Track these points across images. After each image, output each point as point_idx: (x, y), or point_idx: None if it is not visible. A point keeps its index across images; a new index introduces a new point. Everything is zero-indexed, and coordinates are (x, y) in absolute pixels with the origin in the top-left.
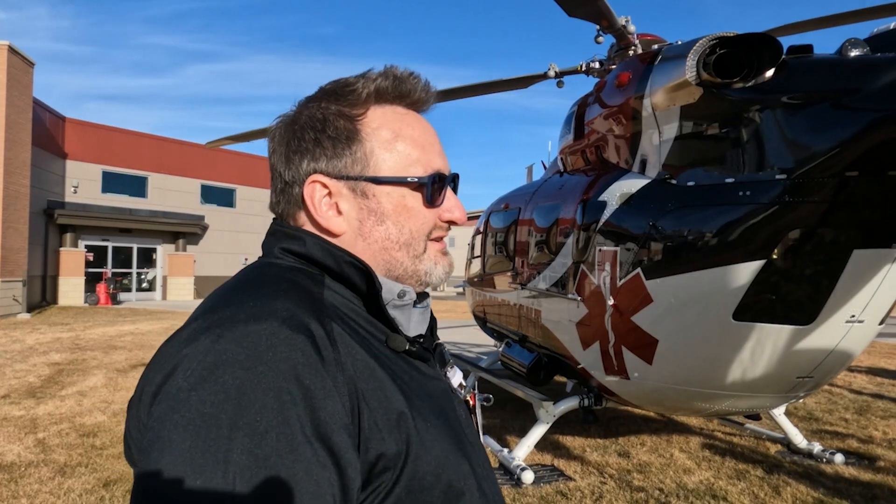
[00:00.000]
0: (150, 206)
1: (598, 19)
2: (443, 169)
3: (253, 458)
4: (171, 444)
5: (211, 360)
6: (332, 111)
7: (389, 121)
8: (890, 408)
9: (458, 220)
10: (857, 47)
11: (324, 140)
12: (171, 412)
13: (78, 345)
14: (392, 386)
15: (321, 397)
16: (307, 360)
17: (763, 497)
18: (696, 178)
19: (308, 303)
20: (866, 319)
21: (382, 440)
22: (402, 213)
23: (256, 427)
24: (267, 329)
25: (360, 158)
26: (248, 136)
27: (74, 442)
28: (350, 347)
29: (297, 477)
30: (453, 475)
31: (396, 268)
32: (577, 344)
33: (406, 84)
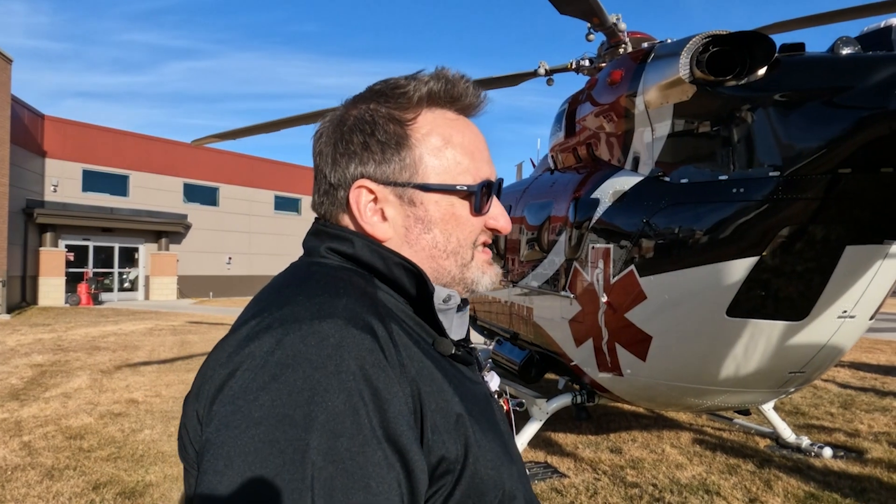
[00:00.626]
0: (131, 205)
1: (589, 17)
2: (491, 176)
3: (329, 459)
4: (242, 446)
5: (279, 359)
6: (382, 114)
7: (440, 126)
8: (874, 401)
9: (502, 228)
10: (849, 45)
11: (372, 144)
12: (238, 413)
13: (60, 346)
14: (448, 388)
15: (389, 398)
16: (375, 359)
17: (755, 491)
18: (690, 175)
19: (367, 302)
20: (858, 315)
21: (443, 442)
22: (449, 222)
23: (330, 427)
24: (333, 328)
25: (409, 165)
26: (233, 133)
27: (61, 444)
28: (408, 349)
29: (370, 478)
30: (506, 479)
31: (444, 276)
32: (570, 341)
33: (457, 88)
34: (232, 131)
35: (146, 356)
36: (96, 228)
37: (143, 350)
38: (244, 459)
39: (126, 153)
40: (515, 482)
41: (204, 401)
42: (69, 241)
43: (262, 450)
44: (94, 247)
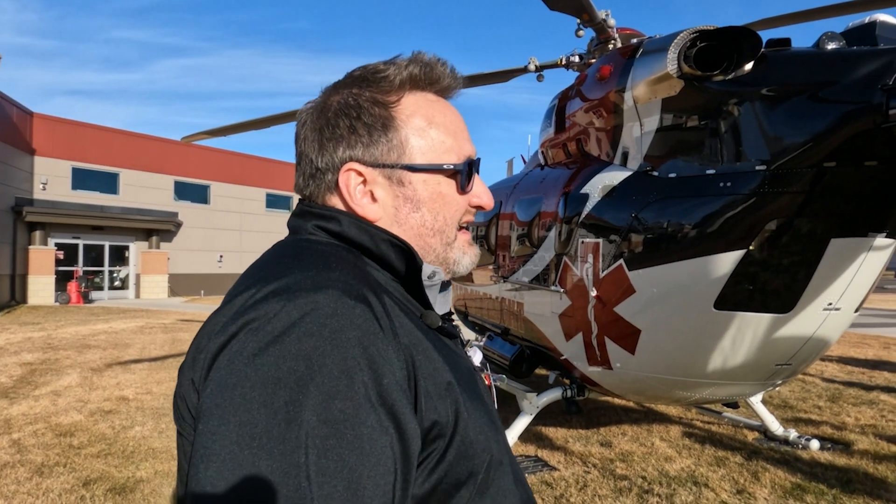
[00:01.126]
0: (121, 203)
1: (579, 13)
2: (472, 154)
3: (323, 421)
4: (239, 408)
5: (276, 327)
6: (366, 98)
7: (422, 108)
8: (860, 395)
9: (485, 205)
10: (834, 41)
11: (359, 127)
12: (234, 377)
13: (50, 344)
14: (438, 357)
15: (384, 365)
16: (370, 328)
17: (743, 483)
18: (678, 169)
19: (359, 275)
20: (843, 307)
21: (435, 408)
22: (437, 201)
23: (325, 390)
24: (329, 298)
25: (396, 146)
26: (224, 130)
27: (51, 442)
28: (400, 319)
29: (363, 441)
30: (494, 445)
31: (429, 254)
32: (560, 336)
33: (436, 70)
34: (222, 128)
35: (137, 354)
36: (86, 226)
37: (134, 348)
38: (239, 420)
39: (116, 151)
40: (502, 450)
41: (200, 368)
42: (59, 239)
43: (257, 411)
44: (83, 245)
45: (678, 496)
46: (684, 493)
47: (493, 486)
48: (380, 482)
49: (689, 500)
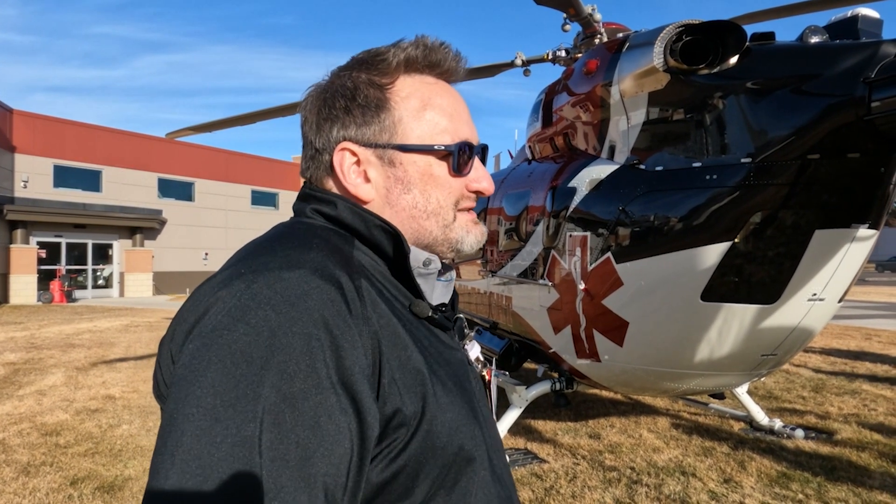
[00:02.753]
0: (104, 201)
1: (565, 7)
2: (471, 138)
3: (281, 397)
4: (202, 379)
5: (244, 302)
6: (363, 80)
7: (418, 90)
8: (843, 385)
9: (485, 190)
10: (817, 34)
11: (354, 108)
12: (203, 349)
13: (34, 344)
14: (413, 347)
15: (347, 346)
16: (336, 309)
17: (730, 472)
18: (664, 162)
19: (339, 258)
20: (827, 297)
21: (400, 396)
22: (428, 182)
23: (285, 368)
24: (299, 276)
25: (389, 126)
26: (209, 126)
27: (36, 441)
28: (376, 304)
29: (320, 419)
30: (466, 440)
31: (426, 236)
32: (549, 329)
33: (436, 53)
34: (207, 123)
35: (122, 353)
36: (68, 225)
37: (119, 347)
38: (203, 392)
39: (98, 148)
40: (478, 446)
41: (177, 341)
42: (41, 237)
43: (219, 384)
44: (66, 243)
45: (666, 486)
46: (672, 483)
47: (461, 482)
48: (333, 461)
49: (678, 490)
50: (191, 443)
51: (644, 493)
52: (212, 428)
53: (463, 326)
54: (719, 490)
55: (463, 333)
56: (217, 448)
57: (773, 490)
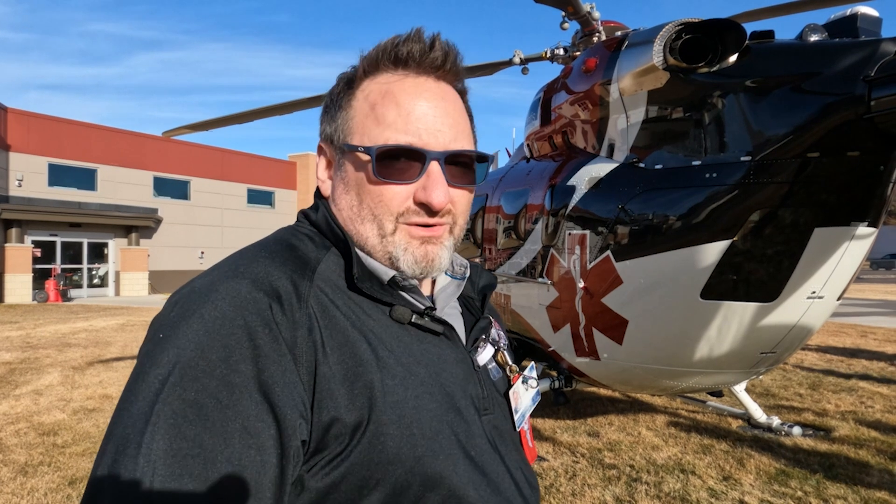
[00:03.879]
0: (100, 200)
1: (564, 5)
2: (418, 143)
3: (186, 403)
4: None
5: (180, 313)
6: (345, 77)
7: (376, 89)
8: (840, 382)
9: (430, 203)
10: (816, 32)
11: (330, 106)
12: (141, 359)
13: (29, 343)
14: (369, 355)
15: (271, 356)
16: (264, 319)
17: (728, 469)
18: (664, 161)
19: (293, 266)
20: (826, 295)
21: (340, 405)
22: (361, 186)
23: (197, 375)
24: (233, 286)
25: (341, 125)
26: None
27: (34, 441)
28: (327, 311)
29: (227, 426)
30: (428, 453)
31: (365, 242)
32: (548, 327)
33: (402, 47)
34: (204, 122)
35: (119, 352)
36: (64, 223)
37: (116, 346)
38: (125, 396)
39: (93, 146)
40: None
41: None
42: (36, 236)
43: (139, 393)
44: (61, 242)
45: (666, 484)
46: (672, 481)
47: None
48: (244, 467)
49: (677, 488)
50: (108, 451)
51: (644, 491)
52: (124, 431)
53: (485, 328)
54: (718, 488)
55: (478, 335)
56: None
57: (772, 487)
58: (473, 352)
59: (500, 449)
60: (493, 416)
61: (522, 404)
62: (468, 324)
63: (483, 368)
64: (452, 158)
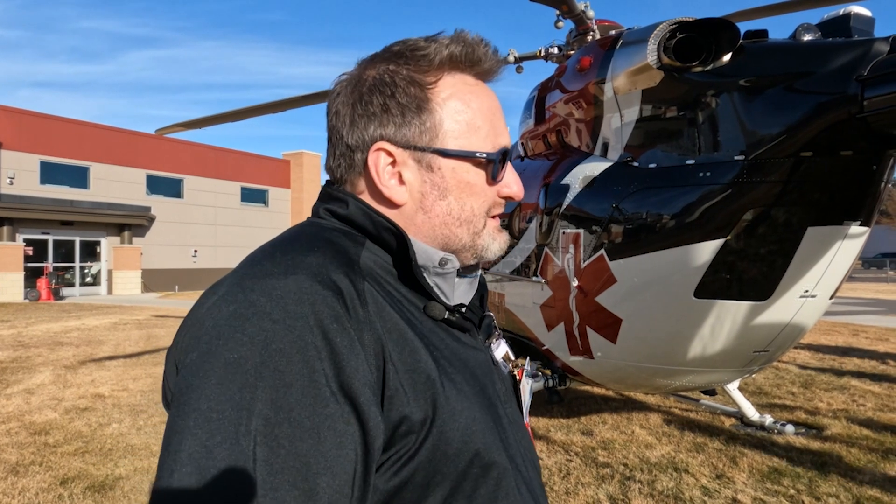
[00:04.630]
0: (92, 198)
1: (558, 4)
2: (507, 144)
3: (276, 409)
4: (200, 391)
5: (241, 312)
6: (403, 76)
7: (460, 91)
8: (832, 381)
9: (515, 195)
10: (810, 32)
11: (393, 106)
12: (201, 361)
13: (21, 342)
14: (423, 350)
15: (346, 353)
16: (334, 314)
17: (722, 468)
18: (658, 160)
19: (341, 260)
20: (819, 294)
21: (407, 402)
22: (465, 190)
23: (281, 378)
24: (296, 283)
25: (430, 129)
26: (199, 122)
27: (25, 440)
28: (381, 308)
29: (319, 430)
30: (482, 446)
31: (455, 243)
32: (542, 326)
33: (477, 52)
34: (197, 120)
35: (111, 351)
36: (56, 222)
37: (108, 345)
38: (200, 405)
39: (86, 144)
40: (497, 451)
41: (180, 350)
42: (27, 234)
43: (216, 397)
44: (53, 240)
45: (659, 482)
46: (665, 479)
47: (481, 490)
48: (336, 472)
49: (671, 486)
50: (188, 459)
51: (637, 490)
52: (209, 442)
53: (491, 324)
54: (712, 486)
55: (490, 332)
56: (214, 464)
57: (765, 485)
58: (489, 348)
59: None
60: (511, 410)
61: (527, 398)
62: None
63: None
64: None
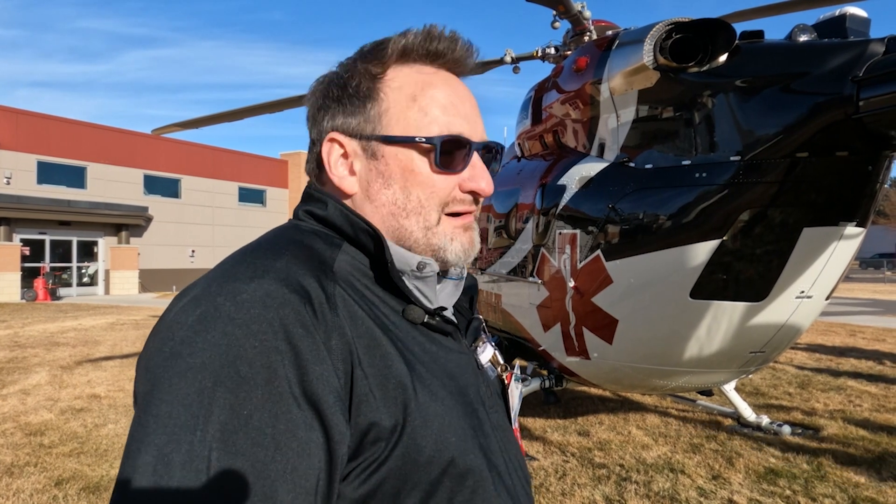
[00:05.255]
0: (89, 198)
1: (555, 4)
2: (466, 133)
3: (234, 415)
4: (158, 397)
5: (204, 316)
6: (357, 69)
7: (412, 81)
8: (829, 381)
9: (481, 191)
10: (806, 33)
11: (344, 98)
12: (163, 366)
13: (17, 342)
14: (396, 355)
15: (311, 358)
16: (300, 319)
17: (718, 468)
18: (654, 160)
19: (313, 264)
20: (814, 295)
21: (376, 408)
22: (409, 178)
23: (242, 383)
24: (262, 287)
25: (374, 117)
26: (196, 122)
27: (20, 441)
28: (353, 312)
29: (280, 436)
30: (458, 453)
31: (406, 237)
32: (539, 327)
33: (437, 43)
34: (194, 120)
35: (108, 351)
36: (53, 221)
37: (105, 345)
38: (157, 411)
39: (83, 144)
40: (475, 457)
41: (147, 355)
42: (24, 234)
43: (173, 402)
44: (50, 240)
45: (655, 483)
46: (661, 480)
47: (458, 498)
48: (297, 480)
49: (667, 487)
50: (143, 465)
51: (633, 490)
52: (165, 448)
53: (479, 328)
54: (708, 487)
55: (477, 335)
56: (169, 470)
57: (761, 486)
58: (475, 351)
59: (504, 446)
60: (497, 415)
61: (515, 403)
62: (462, 324)
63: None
64: (485, 149)
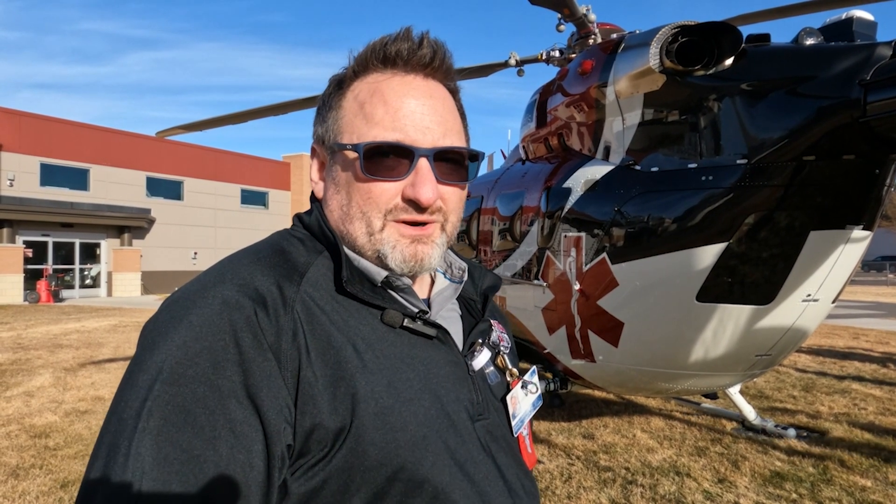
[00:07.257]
0: (92, 200)
1: (560, 7)
2: (407, 140)
3: (176, 409)
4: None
5: (171, 319)
6: (337, 79)
7: (366, 88)
8: (833, 384)
9: (418, 199)
10: (812, 36)
11: (322, 108)
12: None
13: (20, 344)
14: (354, 360)
15: (256, 359)
16: (248, 323)
17: (724, 472)
18: (660, 163)
19: (281, 270)
20: (821, 298)
21: (322, 410)
22: (350, 184)
23: (187, 382)
24: (221, 293)
25: (332, 126)
26: (200, 125)
27: (25, 443)
28: (313, 316)
29: (218, 431)
30: (411, 461)
31: (353, 241)
32: (543, 329)
33: (393, 45)
34: (198, 122)
35: (111, 353)
36: (56, 224)
37: (108, 347)
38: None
39: (86, 146)
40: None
41: None
42: (27, 236)
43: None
44: (53, 242)
45: (661, 486)
46: (667, 483)
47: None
48: (232, 473)
49: (672, 490)
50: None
51: (639, 494)
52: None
53: (485, 331)
54: (714, 490)
55: (477, 338)
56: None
57: (767, 490)
58: (469, 356)
59: (494, 455)
60: (487, 422)
61: (521, 409)
62: (467, 326)
63: (479, 373)
64: (442, 155)
